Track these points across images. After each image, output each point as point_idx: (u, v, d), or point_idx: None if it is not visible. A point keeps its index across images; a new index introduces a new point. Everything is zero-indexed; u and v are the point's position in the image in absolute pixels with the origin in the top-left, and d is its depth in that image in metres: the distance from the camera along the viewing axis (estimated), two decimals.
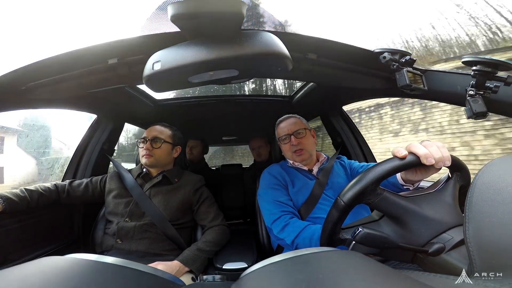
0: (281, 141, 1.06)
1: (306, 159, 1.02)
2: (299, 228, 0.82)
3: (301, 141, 1.01)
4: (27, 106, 0.84)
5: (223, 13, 0.41)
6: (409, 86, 0.68)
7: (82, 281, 0.25)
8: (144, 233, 0.95)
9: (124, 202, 1.01)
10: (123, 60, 0.65)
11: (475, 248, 0.29)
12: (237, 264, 0.93)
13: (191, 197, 1.05)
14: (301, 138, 1.02)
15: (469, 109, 0.59)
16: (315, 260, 0.29)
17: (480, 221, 0.31)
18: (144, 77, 0.52)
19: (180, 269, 0.85)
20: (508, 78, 0.56)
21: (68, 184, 1.07)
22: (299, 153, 1.01)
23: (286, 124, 1.07)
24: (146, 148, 1.03)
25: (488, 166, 0.35)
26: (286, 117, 1.11)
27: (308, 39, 0.65)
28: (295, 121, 1.07)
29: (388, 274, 0.26)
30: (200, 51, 0.47)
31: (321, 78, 0.88)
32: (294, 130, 1.02)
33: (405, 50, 0.68)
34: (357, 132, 1.53)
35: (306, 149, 1.01)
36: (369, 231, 0.47)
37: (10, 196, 0.87)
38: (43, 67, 0.65)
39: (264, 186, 1.02)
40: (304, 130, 1.03)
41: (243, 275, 0.30)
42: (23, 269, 0.27)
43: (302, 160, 1.03)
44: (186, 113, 1.70)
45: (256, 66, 0.52)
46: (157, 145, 1.04)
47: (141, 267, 0.30)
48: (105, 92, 0.79)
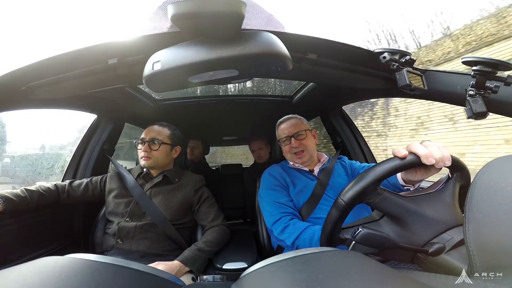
0: (281, 142, 1.06)
1: (306, 161, 1.02)
2: (299, 229, 0.82)
3: (302, 142, 1.01)
4: (27, 106, 0.84)
5: (223, 13, 0.41)
6: (409, 86, 0.67)
7: (82, 281, 0.25)
8: (145, 233, 0.95)
9: (124, 202, 1.01)
10: (123, 60, 0.65)
11: (475, 248, 0.29)
12: (237, 264, 0.93)
13: (191, 197, 1.05)
14: (302, 139, 1.01)
15: (469, 109, 0.59)
16: (315, 260, 0.29)
17: (480, 221, 0.31)
18: (144, 77, 0.52)
19: (180, 269, 0.84)
20: (508, 78, 0.56)
21: (68, 184, 1.07)
22: (300, 155, 1.01)
23: (286, 125, 1.06)
24: (144, 150, 1.02)
25: (488, 166, 0.35)
26: (287, 118, 1.10)
27: (308, 39, 0.64)
28: (295, 123, 1.06)
29: (388, 274, 0.26)
30: (200, 51, 0.47)
31: (321, 78, 0.88)
32: (294, 132, 1.02)
33: (405, 50, 0.68)
34: (357, 132, 1.53)
35: (307, 150, 1.01)
36: (369, 231, 0.47)
37: (10, 196, 0.87)
38: (43, 67, 0.65)
39: (265, 187, 1.02)
40: (304, 132, 1.02)
41: (243, 275, 0.30)
42: (23, 269, 0.27)
43: (302, 162, 1.02)
44: (186, 113, 1.70)
45: (256, 66, 0.52)
46: (155, 146, 1.03)
47: (141, 267, 0.30)
48: (105, 92, 0.79)
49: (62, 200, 1.05)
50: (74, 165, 1.26)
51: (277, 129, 1.12)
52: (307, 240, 0.78)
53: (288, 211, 0.91)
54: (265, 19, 0.55)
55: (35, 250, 0.97)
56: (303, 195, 0.96)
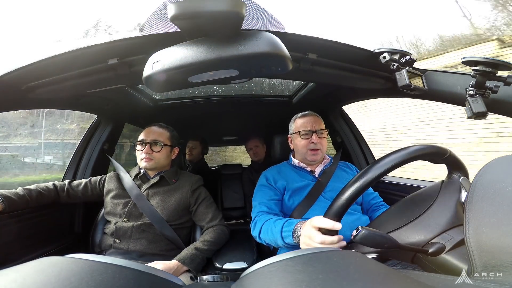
0: (300, 135, 1.02)
1: (318, 159, 1.01)
2: (261, 222, 0.85)
3: (321, 141, 1.00)
4: (27, 106, 0.84)
5: (223, 13, 0.41)
6: (409, 86, 0.67)
7: (82, 281, 0.25)
8: (142, 233, 0.95)
9: (122, 203, 1.01)
10: (123, 60, 0.65)
11: (475, 248, 0.29)
12: (237, 264, 0.93)
13: (188, 198, 1.05)
14: (321, 138, 1.01)
15: (469, 109, 0.59)
16: (315, 260, 0.29)
17: (480, 221, 0.31)
18: (144, 77, 0.52)
19: (178, 268, 0.85)
20: (508, 78, 0.56)
21: (68, 184, 1.07)
22: (315, 152, 0.99)
23: (310, 120, 1.04)
24: (145, 152, 1.02)
25: (488, 166, 0.35)
26: (310, 113, 1.07)
27: (308, 39, 0.65)
28: (318, 120, 1.05)
29: (388, 274, 0.26)
30: (200, 51, 0.47)
31: (321, 78, 0.88)
32: (318, 129, 1.01)
33: (405, 50, 0.68)
34: (357, 132, 1.53)
35: (322, 150, 1.00)
36: (369, 231, 0.47)
37: (9, 195, 0.87)
38: (43, 67, 0.65)
39: (256, 188, 1.03)
40: (325, 132, 1.03)
41: (243, 275, 0.30)
42: (23, 269, 0.27)
43: (314, 160, 1.01)
44: (186, 113, 1.70)
45: (256, 66, 0.52)
46: (157, 148, 1.04)
47: (141, 267, 0.30)
48: (105, 92, 0.79)
49: (61, 199, 1.05)
50: (74, 165, 1.27)
51: (296, 121, 1.08)
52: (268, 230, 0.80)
53: (263, 210, 0.91)
54: (265, 19, 0.55)
55: (35, 250, 0.97)
56: (299, 195, 0.95)
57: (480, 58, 0.55)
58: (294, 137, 1.06)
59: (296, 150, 1.07)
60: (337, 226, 0.51)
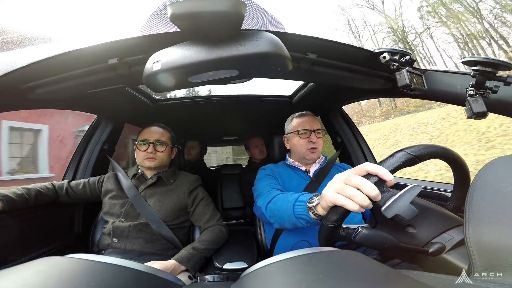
0: (298, 134, 1.03)
1: (316, 158, 1.03)
2: (275, 193, 0.83)
3: (318, 140, 1.02)
4: (27, 106, 0.84)
5: (223, 13, 0.41)
6: (409, 86, 0.68)
7: (82, 281, 0.25)
8: (139, 233, 0.96)
9: (120, 203, 1.02)
10: (123, 60, 0.65)
11: (475, 248, 0.29)
12: (237, 264, 0.93)
13: (185, 199, 1.05)
14: (319, 138, 1.02)
15: (469, 109, 0.59)
16: (315, 260, 0.29)
17: (480, 221, 0.31)
18: (144, 77, 0.52)
19: (176, 267, 0.85)
20: (508, 78, 0.56)
21: (67, 184, 1.08)
22: (314, 151, 1.01)
23: (308, 119, 1.05)
24: (150, 151, 1.03)
25: (488, 166, 0.35)
26: (307, 113, 1.09)
27: (308, 39, 0.65)
28: (315, 120, 1.07)
29: (388, 274, 0.26)
30: (200, 51, 0.47)
31: (321, 78, 0.88)
32: (316, 128, 1.02)
33: (405, 50, 0.68)
34: (357, 132, 1.53)
35: (319, 149, 1.02)
36: (369, 231, 0.47)
37: (8, 194, 0.87)
38: (43, 67, 0.65)
39: (257, 180, 1.03)
40: (322, 132, 1.04)
41: (243, 275, 0.30)
42: (23, 269, 0.27)
43: (312, 158, 1.02)
44: (186, 113, 1.70)
45: (256, 66, 0.52)
46: (161, 148, 1.05)
47: (141, 267, 0.30)
48: (105, 92, 0.79)
49: (61, 198, 1.05)
50: (74, 165, 1.26)
51: (293, 120, 1.08)
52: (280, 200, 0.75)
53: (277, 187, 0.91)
54: (265, 19, 0.55)
55: (35, 250, 0.97)
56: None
57: (480, 58, 0.55)
58: (291, 136, 1.06)
59: (293, 149, 1.08)
60: (389, 176, 0.44)
